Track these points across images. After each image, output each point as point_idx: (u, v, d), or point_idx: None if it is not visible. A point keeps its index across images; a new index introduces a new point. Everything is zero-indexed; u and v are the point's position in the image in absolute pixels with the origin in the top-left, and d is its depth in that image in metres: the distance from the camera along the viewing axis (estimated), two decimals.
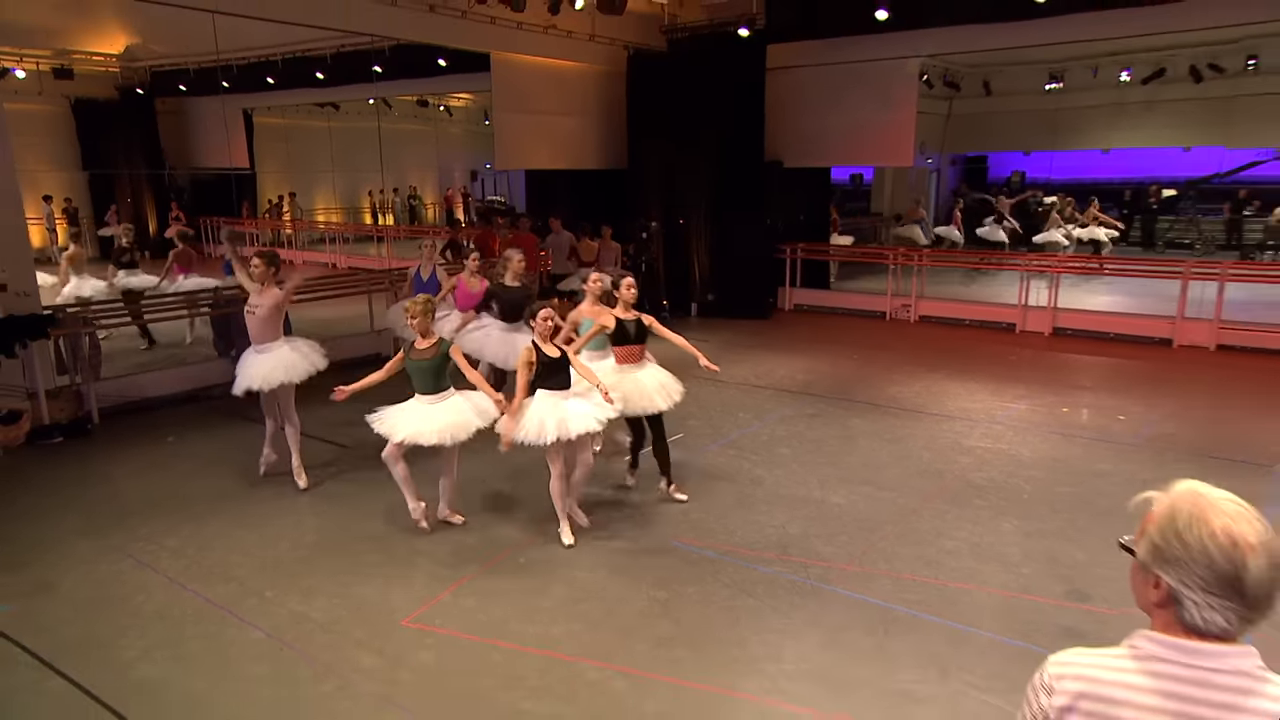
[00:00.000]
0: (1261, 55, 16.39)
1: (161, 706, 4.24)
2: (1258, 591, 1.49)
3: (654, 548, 6.00)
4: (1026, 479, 7.13)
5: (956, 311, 13.97)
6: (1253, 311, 12.14)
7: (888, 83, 13.78)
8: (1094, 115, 19.65)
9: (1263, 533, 1.51)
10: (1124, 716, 1.58)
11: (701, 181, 13.73)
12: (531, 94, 12.92)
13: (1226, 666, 1.50)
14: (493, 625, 5.00)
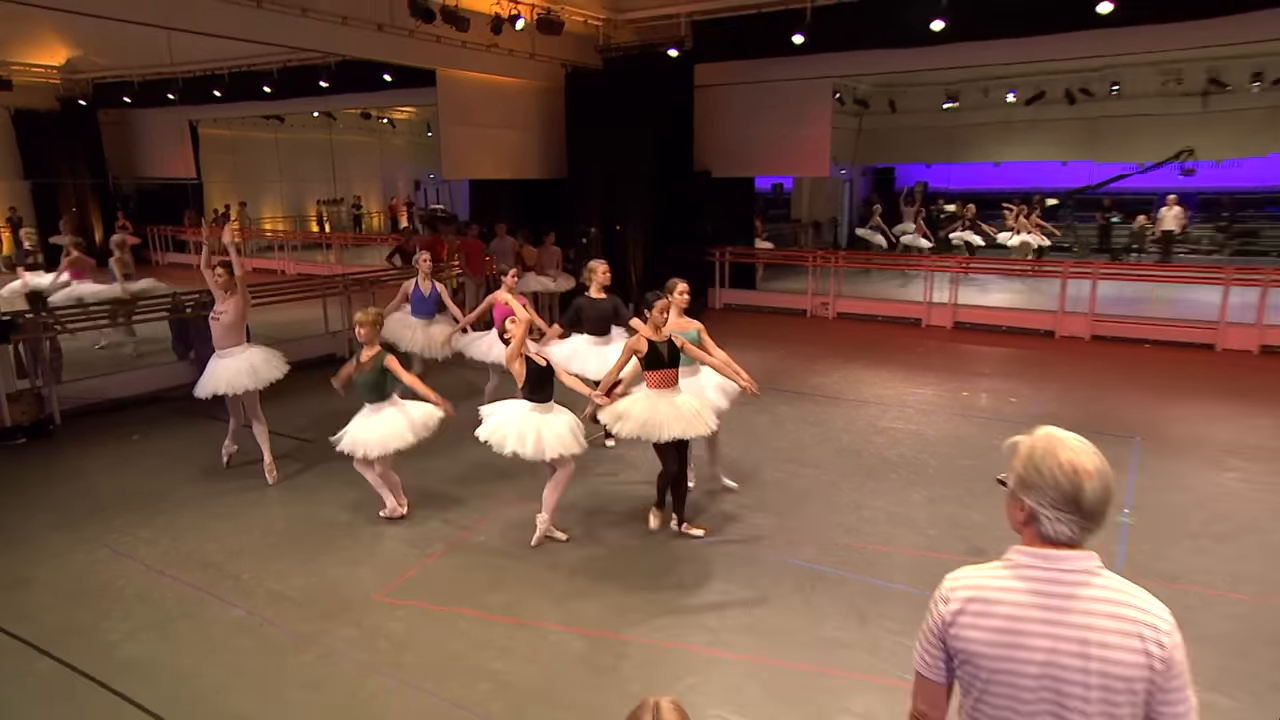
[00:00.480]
0: (1123, 82, 17.33)
1: (151, 681, 4.19)
2: (1093, 508, 1.80)
3: (607, 524, 6.10)
4: (932, 454, 7.44)
5: (870, 309, 14.29)
6: (1120, 306, 12.90)
7: (805, 100, 14.04)
8: (985, 132, 20.22)
9: (1098, 463, 1.82)
10: (1001, 611, 1.87)
11: (637, 190, 13.79)
12: (476, 108, 12.84)
13: (1073, 566, 1.83)
14: (460, 596, 5.09)
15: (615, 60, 13.76)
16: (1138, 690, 1.77)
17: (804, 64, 13.24)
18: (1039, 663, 1.81)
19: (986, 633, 1.87)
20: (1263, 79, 16.07)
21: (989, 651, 1.87)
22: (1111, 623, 1.78)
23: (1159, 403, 9.04)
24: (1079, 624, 1.79)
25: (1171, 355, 11.20)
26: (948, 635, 1.94)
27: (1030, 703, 1.85)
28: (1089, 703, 1.79)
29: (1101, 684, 1.78)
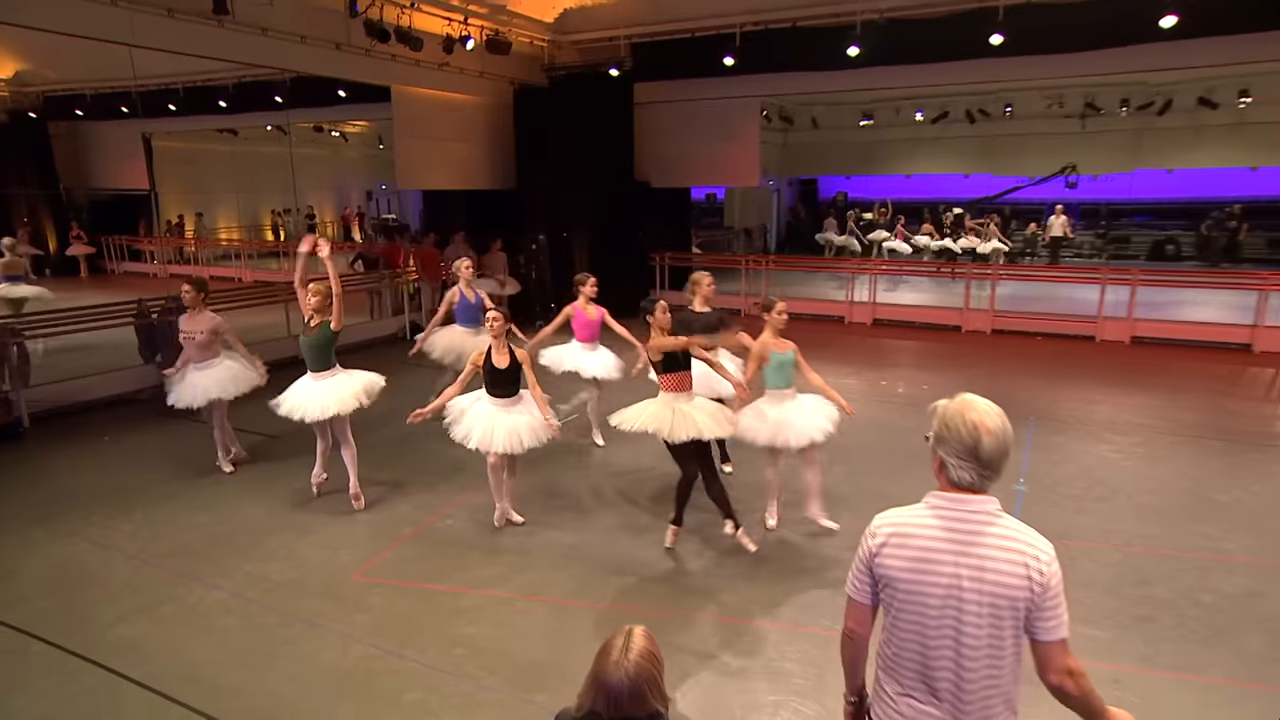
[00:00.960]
0: (1014, 104, 18.12)
1: (144, 657, 4.19)
2: (990, 459, 2.06)
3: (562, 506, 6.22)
4: (855, 435, 7.68)
5: (797, 308, 14.47)
6: (1016, 304, 13.41)
7: (735, 117, 14.29)
8: (897, 147, 20.72)
9: (999, 423, 2.07)
10: (916, 543, 2.13)
11: (581, 200, 13.85)
12: (429, 122, 12.77)
13: (976, 508, 2.10)
14: (432, 573, 5.15)
15: (560, 79, 13.84)
16: (1019, 607, 2.01)
17: (734, 84, 13.48)
18: (944, 585, 2.06)
19: (904, 561, 2.12)
20: (1129, 105, 17.07)
21: (905, 576, 2.11)
22: (1003, 554, 2.03)
23: (1049, 387, 9.49)
24: (978, 554, 2.04)
25: (1059, 346, 11.75)
26: (874, 564, 2.18)
27: (935, 618, 2.09)
28: (980, 618, 2.04)
29: (991, 602, 2.03)
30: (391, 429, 7.70)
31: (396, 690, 3.96)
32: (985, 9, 10.93)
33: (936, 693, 2.15)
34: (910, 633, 2.16)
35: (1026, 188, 20.68)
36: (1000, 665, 2.09)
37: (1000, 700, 2.12)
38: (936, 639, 2.11)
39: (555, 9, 13.38)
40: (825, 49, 11.89)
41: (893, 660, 2.23)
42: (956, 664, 2.10)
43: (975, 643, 2.07)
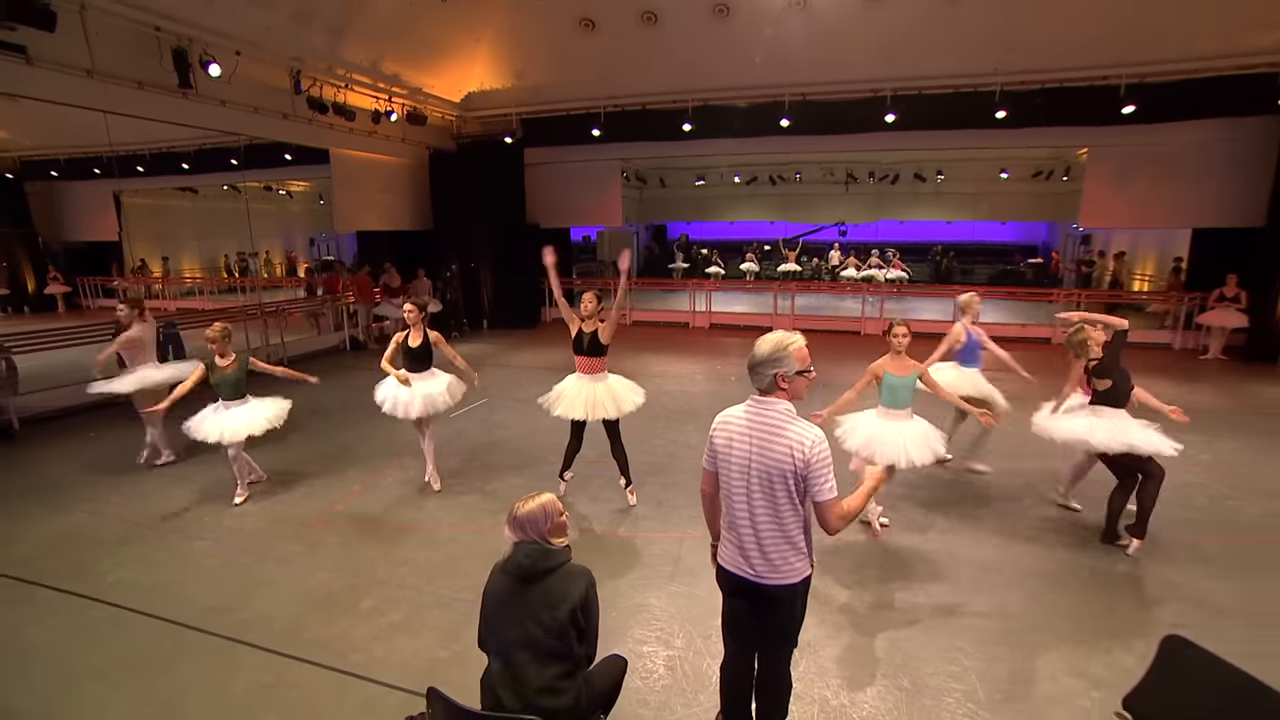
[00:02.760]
0: (802, 172, 19.34)
1: (141, 594, 3.98)
2: (750, 368, 2.39)
3: (491, 465, 6.23)
4: (699, 403, 8.10)
5: (654, 316, 14.92)
6: (810, 310, 14.41)
7: (602, 174, 14.52)
8: (722, 201, 21.30)
9: (777, 339, 2.38)
10: (730, 428, 2.41)
11: (485, 237, 13.75)
12: (361, 178, 12.31)
13: (771, 409, 2.37)
14: (378, 516, 5.09)
15: (466, 145, 13.70)
16: (788, 477, 2.30)
17: (600, 150, 13.75)
18: (742, 455, 2.37)
19: (722, 439, 2.42)
20: (874, 176, 18.68)
21: (722, 450, 2.42)
22: (779, 439, 2.32)
23: (833, 365, 10.00)
24: (763, 438, 2.35)
25: (838, 339, 12.63)
26: (711, 442, 2.47)
27: (737, 480, 2.38)
28: (763, 480, 2.33)
29: (768, 470, 2.32)
30: (341, 415, 7.51)
31: (354, 600, 3.93)
32: (777, 101, 11.79)
33: (742, 537, 2.42)
34: (726, 493, 2.46)
35: (815, 232, 22.26)
36: (782, 520, 2.34)
37: (788, 546, 2.38)
38: (739, 497, 2.39)
39: (461, 91, 13.26)
40: (667, 125, 12.39)
41: (724, 513, 2.52)
42: (750, 516, 2.37)
43: (761, 501, 2.34)
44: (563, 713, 2.22)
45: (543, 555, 2.27)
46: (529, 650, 2.21)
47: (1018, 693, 3.14)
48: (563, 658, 2.24)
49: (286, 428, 5.56)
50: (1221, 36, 9.64)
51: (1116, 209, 12.13)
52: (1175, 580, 4.08)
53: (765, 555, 2.38)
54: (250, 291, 18.23)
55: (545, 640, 2.20)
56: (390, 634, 3.62)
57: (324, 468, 6.07)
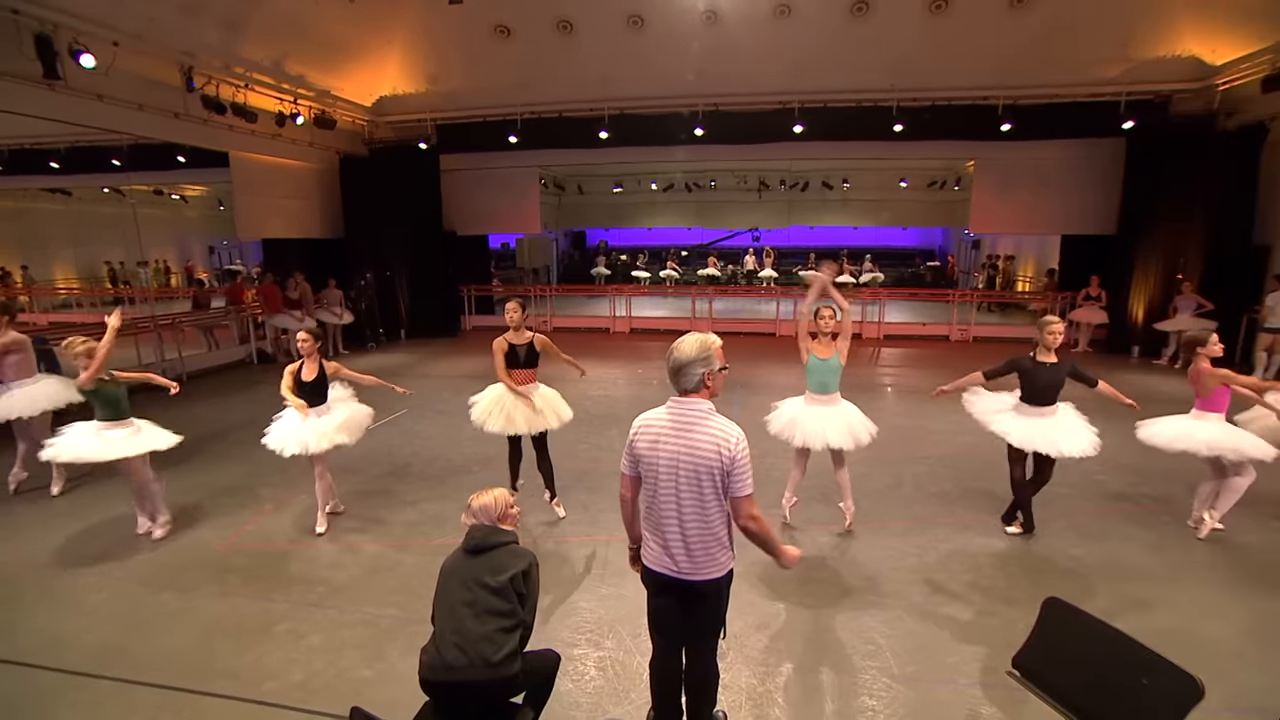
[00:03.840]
0: (717, 180, 19.84)
1: (12, 641, 3.60)
2: (669, 371, 2.43)
3: (413, 477, 6.04)
4: (621, 407, 8.15)
5: (575, 323, 14.93)
6: (728, 313, 14.83)
7: (520, 181, 14.33)
8: (640, 207, 21.43)
9: (681, 349, 2.42)
10: (652, 431, 2.43)
11: (400, 244, 13.31)
12: (266, 182, 11.59)
13: (695, 408, 2.42)
14: (297, 535, 4.84)
15: (379, 150, 13.23)
16: (715, 473, 2.35)
17: (518, 157, 13.59)
18: (668, 456, 2.40)
19: (645, 442, 2.44)
20: (785, 184, 19.40)
21: (646, 453, 2.43)
22: (705, 437, 2.37)
23: (750, 367, 10.44)
24: (689, 436, 2.39)
25: (755, 340, 13.04)
26: (632, 446, 2.48)
27: (665, 479, 2.41)
28: (691, 478, 2.38)
29: (696, 468, 2.37)
30: (249, 431, 7.02)
31: (268, 625, 3.71)
32: (691, 111, 12.08)
33: (667, 536, 2.45)
34: (651, 493, 2.49)
35: (732, 237, 22.85)
36: (708, 516, 2.39)
37: (714, 541, 2.43)
38: (667, 496, 2.42)
39: (372, 95, 12.81)
40: (584, 133, 12.45)
41: (646, 514, 2.54)
42: (678, 514, 2.41)
43: (689, 498, 2.38)
44: (500, 664, 2.31)
45: (492, 533, 2.53)
46: (471, 608, 2.38)
47: (926, 663, 3.35)
48: (503, 615, 2.39)
49: (190, 448, 5.18)
50: (1078, 68, 10.74)
51: (1001, 216, 13.19)
52: (1055, 549, 4.48)
53: (690, 552, 2.43)
54: (138, 303, 16.78)
55: (487, 598, 2.38)
56: (309, 657, 3.44)
57: (232, 488, 5.69)
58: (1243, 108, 10.39)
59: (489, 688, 2.33)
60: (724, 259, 20.74)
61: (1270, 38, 9.42)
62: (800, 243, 22.14)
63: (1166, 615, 3.75)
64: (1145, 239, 11.39)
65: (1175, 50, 10.38)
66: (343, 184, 13.17)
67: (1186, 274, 10.62)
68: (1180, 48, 10.35)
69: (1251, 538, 4.63)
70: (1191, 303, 10.20)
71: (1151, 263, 11.33)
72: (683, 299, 15.58)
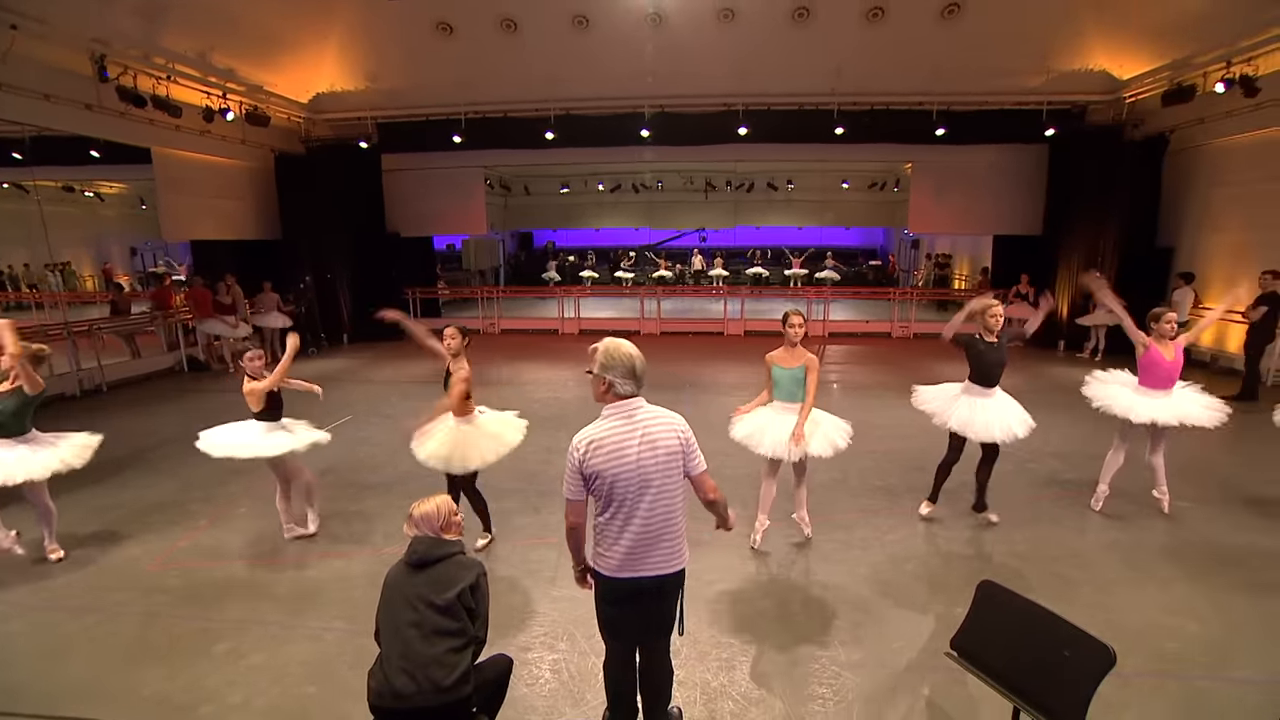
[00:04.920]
0: (664, 180, 20.03)
1: None
2: (641, 374, 2.48)
3: (358, 485, 5.88)
4: (572, 409, 8.16)
5: (524, 325, 14.82)
6: (676, 314, 14.91)
7: (465, 182, 14.14)
8: (587, 208, 21.44)
9: (639, 352, 2.50)
10: (609, 443, 2.43)
11: (341, 247, 12.93)
12: (194, 181, 11.03)
13: (635, 406, 2.46)
14: (235, 550, 4.64)
15: (317, 149, 12.81)
16: (678, 457, 2.44)
17: (463, 157, 13.39)
18: (633, 459, 2.41)
19: (603, 457, 2.41)
20: (730, 185, 19.73)
21: (606, 467, 2.41)
22: (661, 427, 2.44)
23: (697, 366, 10.60)
24: (646, 432, 2.43)
25: (702, 340, 13.19)
26: (583, 468, 2.42)
27: (633, 483, 2.42)
28: (660, 472, 2.42)
29: (664, 460, 2.42)
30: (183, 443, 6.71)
31: (205, 646, 3.53)
32: (637, 112, 12.14)
33: (643, 540, 2.46)
34: (619, 504, 2.46)
35: (679, 238, 23.02)
36: (677, 496, 2.49)
37: (680, 516, 2.53)
38: (640, 497, 2.43)
39: (308, 92, 12.39)
40: (529, 133, 12.36)
41: (604, 527, 2.50)
42: (652, 511, 2.43)
43: (663, 486, 2.43)
44: (452, 688, 2.26)
45: (436, 545, 2.44)
46: (418, 629, 2.29)
47: (873, 650, 3.48)
48: (453, 634, 2.32)
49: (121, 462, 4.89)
50: (1004, 77, 11.33)
51: (937, 217, 13.75)
52: (992, 535, 4.72)
53: (671, 547, 2.51)
54: (48, 308, 15.64)
55: (435, 618, 2.31)
56: (250, 677, 3.31)
57: (162, 504, 5.41)
58: (1148, 120, 11.17)
59: (442, 713, 2.26)
60: (671, 259, 20.92)
61: (1169, 55, 10.17)
62: (746, 243, 22.50)
63: (1090, 591, 4.00)
64: (1067, 240, 12.09)
65: (1088, 64, 11.07)
66: (279, 183, 12.69)
67: (1104, 273, 11.33)
68: (1092, 62, 11.05)
69: (1159, 519, 4.97)
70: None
71: (1073, 262, 12.04)
72: (632, 299, 15.62)
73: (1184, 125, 10.51)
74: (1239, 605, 3.86)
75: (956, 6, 10.14)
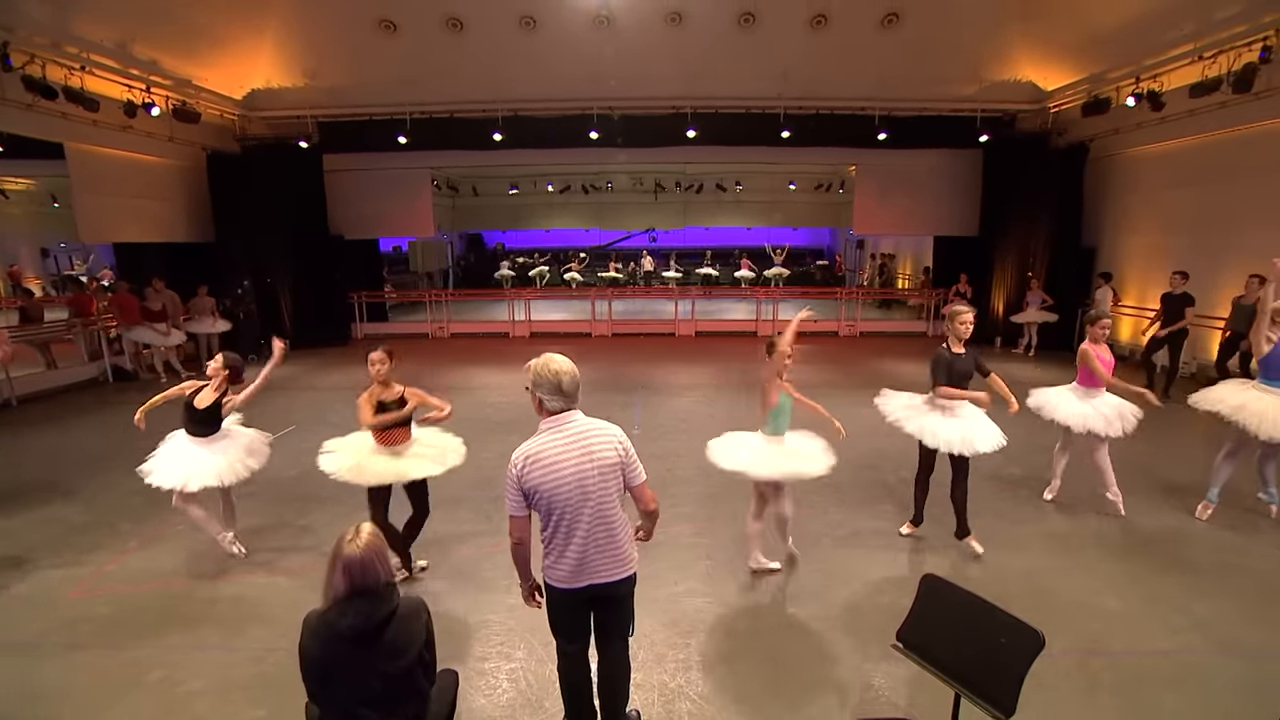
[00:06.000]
0: (614, 182, 20.07)
1: None
2: (569, 390, 2.45)
3: (302, 498, 5.69)
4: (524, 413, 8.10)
5: (474, 328, 14.59)
6: (627, 315, 14.86)
7: (412, 183, 13.87)
8: (537, 209, 21.44)
9: (571, 367, 2.47)
10: (545, 457, 2.42)
11: (280, 250, 12.43)
12: (115, 180, 10.38)
13: (569, 420, 2.45)
14: (170, 571, 4.42)
15: (253, 148, 12.30)
16: (617, 469, 2.45)
17: (408, 158, 13.15)
18: (570, 472, 2.41)
19: (539, 472, 2.41)
20: (680, 186, 19.94)
21: (544, 482, 2.41)
22: (600, 440, 2.44)
23: (650, 367, 10.65)
24: (584, 445, 2.43)
25: (654, 342, 13.25)
26: (522, 484, 2.42)
27: (573, 496, 2.42)
28: (599, 482, 2.44)
29: (602, 471, 2.44)
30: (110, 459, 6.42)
31: (137, 675, 3.34)
32: (585, 114, 12.13)
33: (586, 549, 2.46)
34: (559, 516, 2.47)
35: (628, 239, 23.07)
36: (616, 507, 2.50)
37: (627, 540, 2.55)
38: (582, 509, 2.44)
39: (243, 88, 11.90)
40: (477, 134, 12.21)
41: (550, 539, 2.51)
42: (594, 522, 2.45)
43: (603, 497, 2.45)
44: None
45: (378, 604, 2.04)
46: (374, 707, 2.02)
47: (826, 645, 3.58)
48: (411, 699, 2.11)
49: (36, 482, 4.60)
50: (941, 85, 11.81)
51: (881, 219, 14.21)
52: (938, 530, 4.91)
53: (615, 555, 2.51)
54: None
55: (392, 690, 2.04)
56: (188, 703, 3.17)
57: (86, 526, 5.10)
58: (1070, 129, 11.85)
59: None
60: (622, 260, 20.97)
61: (1086, 70, 10.83)
62: (696, 243, 22.76)
63: (1026, 580, 4.22)
64: (1001, 241, 12.69)
65: (1016, 75, 11.66)
66: (212, 183, 12.12)
67: (1035, 272, 11.93)
68: (1020, 73, 11.64)
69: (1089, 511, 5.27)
70: (1038, 298, 11.48)
71: (1007, 262, 12.64)
72: (583, 301, 15.58)
73: (1102, 135, 11.18)
74: (1153, 582, 4.14)
75: (896, 16, 10.50)
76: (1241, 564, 4.39)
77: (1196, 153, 9.74)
